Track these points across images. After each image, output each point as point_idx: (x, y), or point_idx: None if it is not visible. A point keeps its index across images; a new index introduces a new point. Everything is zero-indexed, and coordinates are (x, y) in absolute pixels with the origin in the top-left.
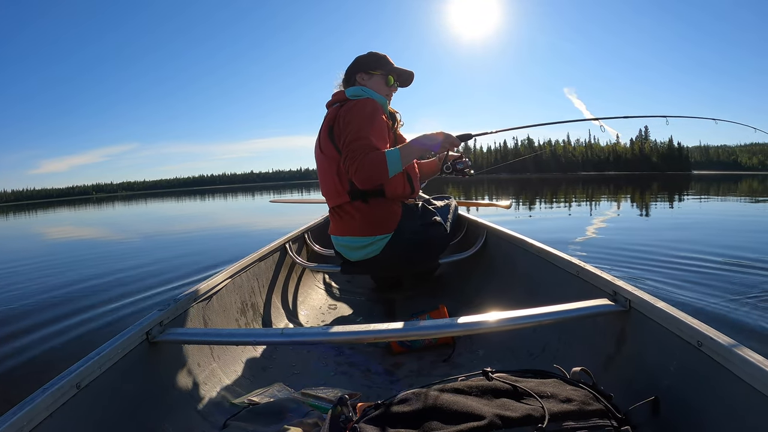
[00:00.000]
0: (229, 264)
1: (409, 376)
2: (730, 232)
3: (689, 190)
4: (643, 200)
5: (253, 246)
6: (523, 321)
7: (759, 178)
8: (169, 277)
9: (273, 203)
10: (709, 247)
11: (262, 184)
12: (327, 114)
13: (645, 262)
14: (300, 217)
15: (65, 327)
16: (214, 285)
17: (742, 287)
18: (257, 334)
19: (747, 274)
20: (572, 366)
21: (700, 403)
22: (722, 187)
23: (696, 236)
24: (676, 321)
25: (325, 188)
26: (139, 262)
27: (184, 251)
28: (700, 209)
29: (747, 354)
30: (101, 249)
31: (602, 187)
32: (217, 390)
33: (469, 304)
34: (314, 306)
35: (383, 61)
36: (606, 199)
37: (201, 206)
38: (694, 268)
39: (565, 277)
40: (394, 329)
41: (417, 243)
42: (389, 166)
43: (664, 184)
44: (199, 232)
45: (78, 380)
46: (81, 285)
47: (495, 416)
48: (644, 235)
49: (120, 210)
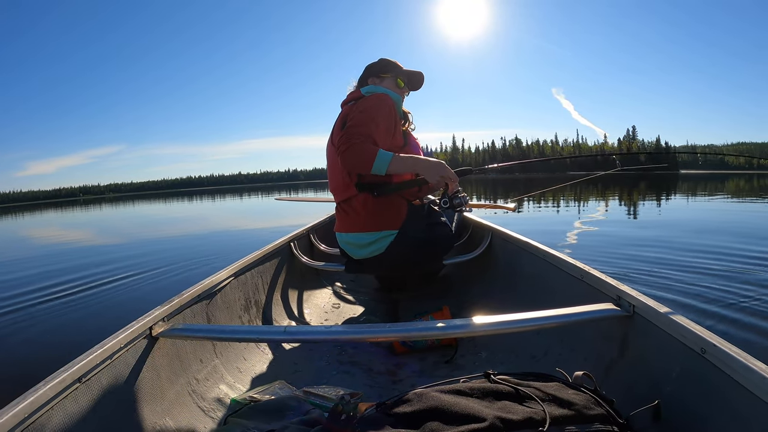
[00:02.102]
0: (234, 261)
1: (411, 377)
2: (709, 232)
3: (677, 190)
4: (632, 199)
5: (257, 244)
6: (526, 324)
7: (745, 177)
8: (172, 274)
9: (278, 201)
10: (691, 245)
11: (250, 186)
12: (341, 111)
13: (632, 258)
14: (304, 216)
15: (68, 320)
16: (218, 281)
17: (741, 290)
18: (260, 332)
19: (744, 273)
20: (574, 370)
21: (703, 411)
22: (709, 186)
23: (679, 234)
24: (680, 327)
25: (333, 183)
26: (140, 261)
27: (186, 251)
28: (687, 207)
29: (750, 362)
30: (104, 249)
31: (590, 186)
32: (219, 386)
33: (472, 305)
34: (318, 305)
35: (393, 65)
36: (594, 198)
37: (195, 208)
38: (682, 267)
39: (569, 281)
40: (397, 329)
41: (422, 243)
42: (375, 163)
43: (652, 183)
44: (201, 232)
45: (80, 373)
46: (84, 280)
47: (496, 419)
48: (631, 233)
49: (108, 212)
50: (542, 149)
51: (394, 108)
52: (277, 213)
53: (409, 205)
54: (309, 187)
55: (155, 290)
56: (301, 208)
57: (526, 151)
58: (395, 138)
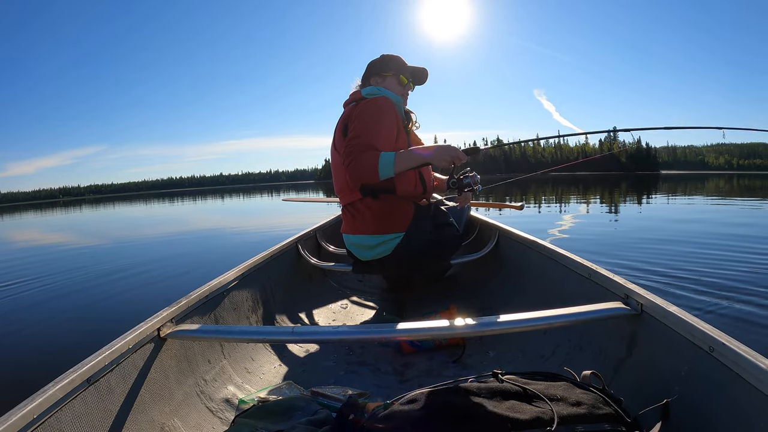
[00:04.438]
0: (241, 262)
1: (419, 377)
2: (707, 228)
3: (658, 190)
4: (612, 199)
5: (264, 245)
6: (534, 323)
7: (725, 177)
8: (180, 274)
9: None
10: (694, 243)
11: (231, 187)
12: (343, 113)
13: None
14: (311, 217)
15: (76, 322)
16: (226, 282)
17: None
18: (268, 332)
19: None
20: (582, 369)
21: (711, 409)
22: (689, 186)
23: (679, 232)
24: (688, 326)
25: (338, 186)
26: (148, 261)
27: (192, 251)
28: (668, 206)
29: (760, 360)
30: (108, 250)
31: (571, 187)
32: (227, 387)
33: (480, 305)
34: (325, 305)
35: (395, 61)
36: (576, 199)
37: (193, 209)
38: (688, 263)
39: (577, 280)
40: (405, 329)
41: (429, 244)
42: (380, 169)
43: (633, 183)
44: (204, 234)
45: (89, 374)
46: (92, 282)
47: (504, 418)
48: (610, 230)
49: (91, 214)
50: (524, 150)
51: (395, 111)
52: (285, 212)
53: (416, 206)
54: (291, 189)
55: (162, 290)
56: (302, 208)
57: (508, 152)
58: (399, 141)
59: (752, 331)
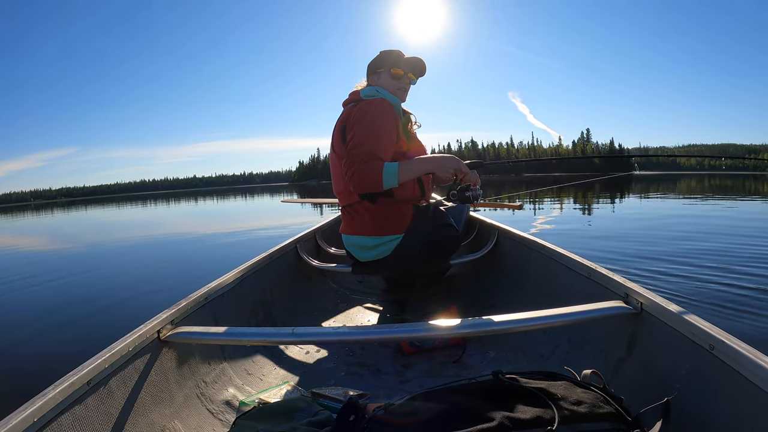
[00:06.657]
0: (240, 264)
1: (420, 377)
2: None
3: (631, 190)
4: (586, 200)
5: (264, 246)
6: (534, 322)
7: (696, 177)
8: (178, 276)
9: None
10: (692, 241)
11: (205, 189)
12: (341, 113)
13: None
14: (311, 217)
15: (76, 325)
16: (225, 284)
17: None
18: (268, 334)
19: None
20: (583, 368)
21: (712, 408)
22: (662, 186)
23: (677, 231)
24: (688, 324)
25: (336, 187)
26: (146, 263)
27: (189, 253)
28: (640, 206)
29: (760, 359)
30: (109, 251)
31: (547, 190)
32: (228, 389)
33: (479, 305)
34: (325, 306)
35: (386, 56)
36: (550, 199)
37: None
38: (685, 262)
39: (577, 279)
40: (405, 330)
41: (428, 244)
42: (384, 179)
43: (607, 184)
44: (204, 235)
45: (89, 377)
46: (92, 285)
47: (505, 418)
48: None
49: (64, 218)
50: (498, 152)
51: (394, 113)
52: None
53: (415, 207)
54: (265, 191)
55: (161, 292)
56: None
57: (482, 153)
58: (399, 143)
59: (752, 329)
